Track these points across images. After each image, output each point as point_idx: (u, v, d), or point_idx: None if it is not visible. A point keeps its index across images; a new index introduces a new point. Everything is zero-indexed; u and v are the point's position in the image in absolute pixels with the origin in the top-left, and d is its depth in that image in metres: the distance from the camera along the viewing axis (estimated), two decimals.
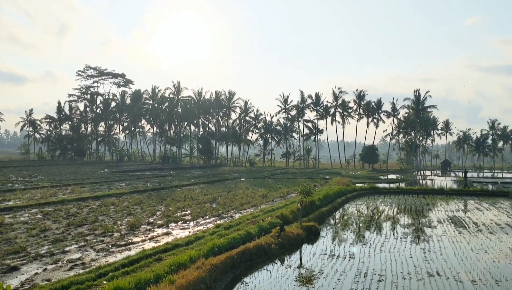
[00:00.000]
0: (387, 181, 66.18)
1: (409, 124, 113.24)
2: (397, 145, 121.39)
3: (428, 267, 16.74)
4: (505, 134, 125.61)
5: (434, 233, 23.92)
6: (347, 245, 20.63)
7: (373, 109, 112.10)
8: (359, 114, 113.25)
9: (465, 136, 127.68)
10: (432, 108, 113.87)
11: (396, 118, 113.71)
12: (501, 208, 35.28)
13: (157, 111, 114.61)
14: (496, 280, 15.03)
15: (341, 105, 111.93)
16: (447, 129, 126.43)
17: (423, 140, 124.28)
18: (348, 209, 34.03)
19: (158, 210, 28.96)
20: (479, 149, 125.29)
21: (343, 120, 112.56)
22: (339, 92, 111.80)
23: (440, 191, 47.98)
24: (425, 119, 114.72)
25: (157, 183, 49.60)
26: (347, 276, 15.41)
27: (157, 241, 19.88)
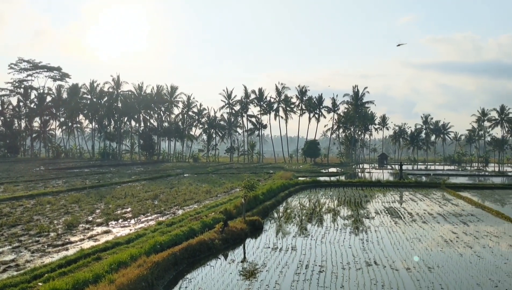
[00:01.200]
0: (328, 174, 67.94)
1: (349, 119, 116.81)
2: (338, 139, 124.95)
3: (366, 256, 17.37)
4: (437, 128, 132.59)
5: (372, 224, 24.86)
6: (289, 238, 20.97)
7: (314, 104, 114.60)
8: (302, 109, 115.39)
9: (401, 131, 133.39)
10: (370, 103, 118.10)
11: (337, 113, 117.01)
12: (434, 198, 37.25)
13: (96, 106, 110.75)
14: (429, 267, 15.85)
15: (284, 101, 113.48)
16: (384, 124, 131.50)
17: (361, 135, 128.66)
18: (291, 202, 34.60)
19: (97, 208, 28.06)
20: (414, 142, 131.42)
21: (286, 115, 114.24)
22: (282, 88, 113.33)
23: (377, 183, 49.89)
24: (364, 114, 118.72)
25: (96, 181, 48.04)
26: (289, 268, 15.68)
27: (96, 240, 19.27)
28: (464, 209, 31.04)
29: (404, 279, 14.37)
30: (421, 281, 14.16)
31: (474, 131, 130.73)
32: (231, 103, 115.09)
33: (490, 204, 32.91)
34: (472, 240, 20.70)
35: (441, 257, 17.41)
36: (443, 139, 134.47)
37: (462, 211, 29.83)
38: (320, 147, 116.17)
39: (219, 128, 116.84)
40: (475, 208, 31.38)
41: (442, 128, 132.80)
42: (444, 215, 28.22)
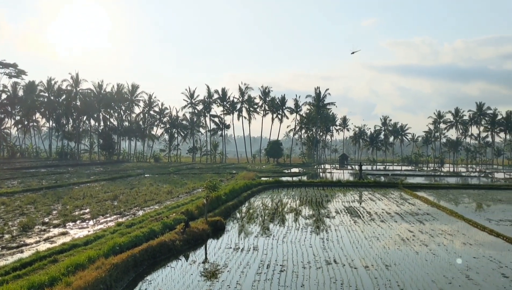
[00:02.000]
0: (290, 174, 68.54)
1: (311, 120, 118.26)
2: (300, 140, 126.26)
3: (326, 255, 17.64)
4: (395, 130, 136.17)
5: (332, 223, 25.26)
6: (251, 238, 21.02)
7: (277, 105, 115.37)
8: (265, 110, 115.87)
9: (361, 132, 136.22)
10: (331, 105, 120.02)
11: (299, 114, 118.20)
12: (391, 198, 38.24)
13: (54, 104, 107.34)
14: (386, 265, 16.26)
15: (247, 101, 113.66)
16: (345, 125, 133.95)
17: (323, 135, 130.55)
18: (254, 202, 34.68)
19: (54, 209, 27.24)
20: (373, 143, 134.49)
21: (249, 115, 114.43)
22: (246, 88, 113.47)
23: (338, 183, 50.75)
24: (325, 115, 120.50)
25: (53, 181, 46.58)
26: (251, 268, 15.72)
27: (53, 241, 18.71)
28: (421, 208, 32.02)
29: (362, 277, 14.68)
30: (378, 279, 14.50)
31: (430, 132, 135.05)
32: (194, 102, 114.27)
33: (445, 204, 34.08)
34: (428, 238, 21.38)
35: (398, 255, 17.89)
36: (401, 140, 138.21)
37: (418, 210, 30.75)
38: (283, 147, 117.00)
39: (181, 127, 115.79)
40: (431, 207, 32.43)
41: (400, 130, 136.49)
42: (402, 214, 29.02)
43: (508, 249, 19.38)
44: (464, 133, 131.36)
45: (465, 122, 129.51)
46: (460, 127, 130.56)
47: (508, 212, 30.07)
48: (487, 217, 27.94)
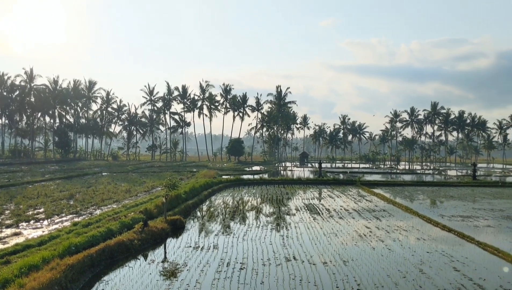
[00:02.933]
0: (251, 172, 68.78)
1: (272, 118, 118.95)
2: (261, 138, 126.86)
3: (286, 252, 17.82)
4: (354, 128, 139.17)
5: (292, 221, 25.52)
6: (212, 237, 20.95)
7: (239, 103, 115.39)
8: (226, 107, 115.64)
9: (321, 130, 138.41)
10: (292, 103, 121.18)
11: (260, 112, 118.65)
12: (349, 195, 39.05)
13: (6, 100, 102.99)
14: (344, 261, 16.59)
15: (208, 98, 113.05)
16: (305, 124, 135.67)
17: (284, 134, 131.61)
18: (215, 201, 34.57)
19: (7, 209, 26.22)
20: (332, 142, 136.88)
21: (210, 113, 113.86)
22: (207, 86, 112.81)
23: (298, 181, 51.35)
24: (286, 114, 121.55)
25: (5, 180, 44.79)
26: (211, 267, 15.67)
27: (5, 242, 18.02)
28: (377, 205, 32.85)
29: (321, 273, 14.92)
30: (336, 275, 14.78)
31: (387, 131, 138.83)
32: (153, 99, 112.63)
33: (400, 200, 35.12)
34: (384, 234, 21.96)
35: (356, 251, 18.29)
36: (359, 138, 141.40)
37: (375, 207, 31.55)
38: (244, 145, 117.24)
39: (140, 125, 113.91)
40: (387, 204, 33.33)
41: (358, 128, 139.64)
42: (359, 211, 29.69)
43: (459, 243, 20.18)
44: (419, 132, 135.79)
45: (420, 121, 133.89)
46: (415, 126, 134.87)
47: (460, 208, 31.31)
48: (440, 213, 28.99)
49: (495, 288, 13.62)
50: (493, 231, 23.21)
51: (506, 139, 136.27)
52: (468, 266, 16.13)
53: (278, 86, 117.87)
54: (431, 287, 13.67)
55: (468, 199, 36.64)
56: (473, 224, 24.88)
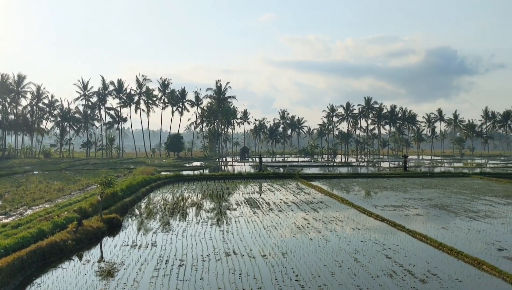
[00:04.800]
0: (191, 168, 68.19)
1: (212, 113, 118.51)
2: (201, 133, 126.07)
3: (226, 247, 17.84)
4: (293, 123, 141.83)
5: (232, 215, 25.60)
6: (150, 234, 20.57)
7: (177, 98, 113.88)
8: (164, 102, 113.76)
9: (261, 125, 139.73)
10: (232, 98, 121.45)
11: (200, 107, 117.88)
12: (289, 188, 39.76)
13: None
14: (282, 253, 16.87)
15: (146, 93, 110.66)
16: (246, 118, 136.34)
17: (224, 129, 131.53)
18: (154, 198, 33.93)
19: None
20: (272, 136, 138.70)
21: (148, 108, 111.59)
22: (143, 80, 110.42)
23: (239, 175, 51.56)
24: (226, 108, 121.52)
25: None
26: (149, 265, 15.38)
27: None
28: (315, 197, 33.69)
29: (260, 266, 15.09)
30: (275, 267, 15.01)
31: (324, 125, 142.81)
32: (87, 94, 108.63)
33: (337, 192, 36.22)
34: (321, 225, 22.56)
35: (294, 243, 18.66)
36: (298, 133, 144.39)
37: (313, 199, 32.33)
38: (183, 141, 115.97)
39: (74, 121, 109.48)
40: (325, 196, 34.26)
41: (297, 123, 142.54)
42: (298, 203, 30.30)
43: (391, 232, 21.13)
44: (354, 126, 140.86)
45: (355, 116, 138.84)
46: (351, 120, 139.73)
47: (392, 198, 32.80)
48: (374, 203, 30.22)
49: (424, 273, 14.39)
50: (422, 219, 24.51)
51: (434, 132, 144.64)
52: (399, 253, 16.93)
53: (218, 81, 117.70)
54: (365, 274, 14.22)
55: (399, 190, 38.44)
56: (404, 213, 26.16)
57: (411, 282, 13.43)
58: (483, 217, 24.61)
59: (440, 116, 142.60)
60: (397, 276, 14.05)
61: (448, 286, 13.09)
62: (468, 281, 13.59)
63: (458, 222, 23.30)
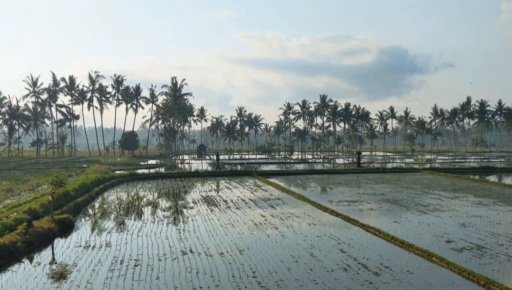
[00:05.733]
0: (147, 166, 67.07)
1: (168, 110, 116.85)
2: (157, 131, 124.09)
3: (182, 246, 17.69)
4: (250, 120, 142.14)
5: (189, 214, 25.40)
6: (104, 235, 20.09)
7: (132, 95, 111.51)
8: (118, 99, 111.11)
9: (218, 122, 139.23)
10: (188, 95, 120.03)
11: (155, 104, 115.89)
12: (246, 185, 39.86)
13: None
14: (240, 250, 16.92)
15: (99, 90, 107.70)
16: (202, 116, 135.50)
17: (181, 126, 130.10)
18: (108, 197, 33.15)
19: None
20: (230, 133, 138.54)
21: (101, 105, 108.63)
22: (96, 76, 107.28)
23: (196, 173, 51.18)
24: (183, 106, 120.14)
25: None
26: (103, 266, 15.03)
27: None
28: (272, 194, 33.96)
29: (217, 264, 15.07)
30: (232, 264, 15.03)
31: (281, 123, 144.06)
32: (37, 91, 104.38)
33: (294, 189, 36.66)
34: (278, 221, 22.78)
35: (251, 240, 18.75)
36: (255, 130, 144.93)
37: (270, 196, 32.58)
38: (138, 139, 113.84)
39: (23, 118, 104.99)
40: (282, 193, 34.61)
41: (255, 120, 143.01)
42: (255, 200, 30.45)
43: (346, 227, 21.62)
44: (310, 123, 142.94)
45: (311, 113, 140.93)
46: (307, 118, 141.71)
47: (346, 194, 33.55)
48: (329, 199, 30.82)
49: (377, 266, 14.83)
50: (375, 213, 25.24)
51: (386, 129, 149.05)
52: (353, 247, 17.36)
53: (174, 78, 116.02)
54: (321, 269, 14.49)
55: (353, 185, 39.38)
56: (358, 208, 26.83)
57: (364, 275, 13.81)
58: (432, 211, 25.62)
59: (392, 114, 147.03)
60: (351, 269, 14.40)
61: (400, 278, 13.54)
62: (419, 273, 14.11)
63: (409, 216, 24.14)
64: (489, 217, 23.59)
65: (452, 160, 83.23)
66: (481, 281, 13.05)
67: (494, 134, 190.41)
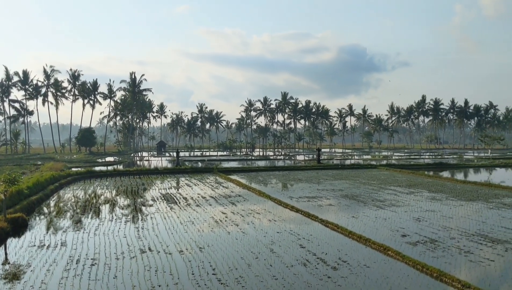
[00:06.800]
0: (105, 164, 65.66)
1: (126, 106, 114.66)
2: (115, 127, 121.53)
3: (141, 244, 17.42)
4: (211, 117, 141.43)
5: (148, 211, 25.03)
6: (60, 234, 19.50)
7: (89, 90, 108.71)
8: (74, 95, 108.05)
9: (178, 119, 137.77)
10: (147, 91, 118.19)
11: (113, 100, 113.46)
12: (207, 182, 39.67)
13: None
14: (200, 248, 16.82)
15: (54, 85, 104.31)
16: (162, 112, 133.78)
17: (140, 122, 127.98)
18: (64, 195, 32.20)
19: None
20: (190, 130, 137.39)
21: (57, 101, 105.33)
22: (51, 71, 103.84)
23: (155, 171, 50.51)
24: (142, 101, 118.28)
25: None
26: (58, 265, 14.61)
27: None
28: (234, 191, 33.95)
29: (177, 262, 14.93)
30: (192, 262, 14.93)
31: (243, 119, 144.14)
32: None
33: (255, 185, 36.79)
34: (239, 218, 22.81)
35: (212, 237, 18.68)
36: (216, 127, 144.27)
37: (231, 193, 32.56)
38: (96, 135, 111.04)
39: None
40: (243, 189, 34.65)
41: (216, 117, 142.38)
42: (216, 197, 30.36)
43: (305, 222, 21.90)
44: (271, 120, 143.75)
45: (273, 110, 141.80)
46: (268, 115, 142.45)
47: (306, 190, 33.99)
48: (290, 195, 31.12)
49: (335, 260, 15.11)
50: (334, 209, 25.70)
51: (345, 126, 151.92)
52: (312, 242, 17.61)
53: (133, 73, 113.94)
54: (280, 265, 14.62)
55: (313, 181, 39.94)
56: (318, 204, 27.24)
57: (323, 270, 14.04)
58: (388, 206, 26.35)
59: (351, 111, 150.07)
60: (310, 264, 14.61)
61: (357, 272, 13.86)
62: (375, 267, 14.48)
63: (367, 211, 24.73)
64: (442, 212, 24.49)
65: (407, 157, 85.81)
66: (434, 273, 13.53)
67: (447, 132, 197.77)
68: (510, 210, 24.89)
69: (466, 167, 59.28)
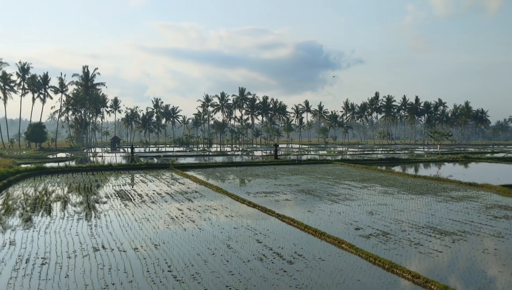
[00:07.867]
0: (56, 160, 63.60)
1: (79, 101, 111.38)
2: (67, 122, 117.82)
3: (94, 242, 16.98)
4: (167, 112, 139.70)
5: (102, 209, 24.43)
6: (8, 233, 18.70)
7: (39, 83, 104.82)
8: (24, 88, 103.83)
9: (133, 114, 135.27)
10: (101, 85, 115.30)
11: (65, 94, 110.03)
12: (163, 179, 39.16)
13: None
14: (155, 245, 16.58)
15: (2, 78, 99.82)
16: (116, 107, 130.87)
17: (93, 117, 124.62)
18: (13, 193, 30.88)
19: None
20: (146, 125, 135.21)
21: (5, 94, 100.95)
22: None
23: (109, 167, 49.36)
24: (95, 96, 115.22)
25: None
26: (6, 265, 14.02)
27: None
28: (190, 187, 33.69)
29: (131, 259, 14.65)
30: (147, 259, 14.70)
31: (200, 115, 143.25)
32: None
33: (212, 181, 36.65)
34: (195, 214, 22.66)
35: (167, 234, 18.46)
36: (173, 122, 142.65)
37: (188, 189, 32.30)
38: (47, 130, 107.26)
39: None
40: (199, 185, 34.45)
41: (172, 112, 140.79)
42: (172, 194, 30.02)
43: (262, 217, 22.04)
44: (229, 115, 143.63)
45: (230, 106, 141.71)
46: (225, 110, 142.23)
47: (263, 185, 34.21)
48: (247, 190, 31.22)
49: (291, 254, 15.30)
50: (291, 204, 26.01)
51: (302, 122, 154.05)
52: (269, 237, 17.75)
53: (85, 66, 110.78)
54: (237, 260, 14.65)
55: (271, 177, 40.24)
56: (275, 199, 27.48)
57: (279, 264, 14.18)
58: (343, 200, 26.94)
59: (307, 108, 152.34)
60: (267, 259, 14.73)
61: (313, 265, 14.09)
62: (330, 260, 14.78)
63: (322, 205, 25.18)
64: (393, 205, 25.28)
65: (361, 152, 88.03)
66: (386, 265, 13.95)
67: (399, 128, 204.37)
68: (457, 203, 26.02)
69: (416, 162, 61.47)
